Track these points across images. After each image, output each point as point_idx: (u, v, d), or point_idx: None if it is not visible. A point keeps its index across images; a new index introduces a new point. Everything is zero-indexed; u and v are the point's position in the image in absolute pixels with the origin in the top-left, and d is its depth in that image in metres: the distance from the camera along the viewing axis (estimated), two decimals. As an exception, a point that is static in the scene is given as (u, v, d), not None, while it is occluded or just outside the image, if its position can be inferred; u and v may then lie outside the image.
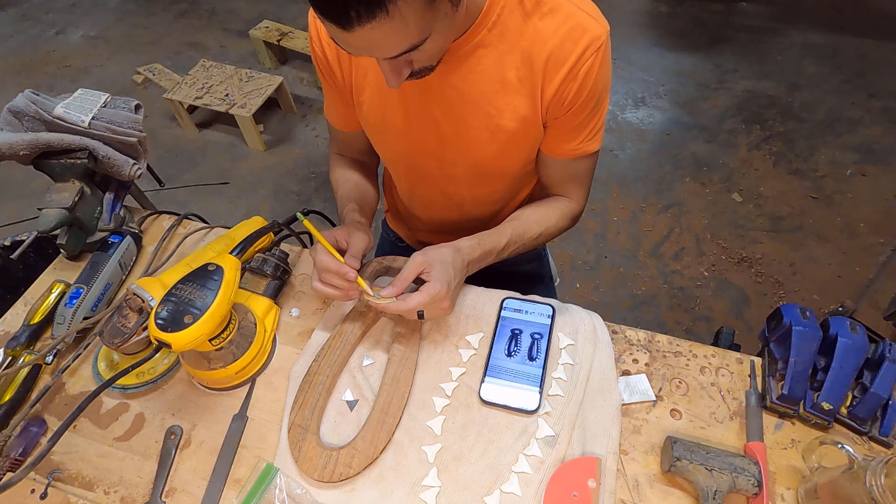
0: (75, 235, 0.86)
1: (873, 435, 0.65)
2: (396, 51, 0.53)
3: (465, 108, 0.70)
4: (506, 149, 0.74)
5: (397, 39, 0.51)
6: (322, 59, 0.74)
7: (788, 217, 2.05)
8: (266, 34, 2.65)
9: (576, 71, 0.65)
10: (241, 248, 0.72)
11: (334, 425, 0.68)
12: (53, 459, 0.67)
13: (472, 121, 0.71)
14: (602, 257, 1.96)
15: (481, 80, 0.67)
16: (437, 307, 0.69)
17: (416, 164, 0.81)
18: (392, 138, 0.79)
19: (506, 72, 0.67)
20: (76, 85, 1.09)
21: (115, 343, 0.67)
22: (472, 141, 0.73)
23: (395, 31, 0.50)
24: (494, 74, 0.67)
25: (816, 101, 2.48)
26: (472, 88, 0.68)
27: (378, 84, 0.72)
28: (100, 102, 0.86)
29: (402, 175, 0.89)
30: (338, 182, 0.88)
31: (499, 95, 0.68)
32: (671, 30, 2.91)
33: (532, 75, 0.66)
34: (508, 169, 0.79)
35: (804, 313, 0.68)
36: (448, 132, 0.73)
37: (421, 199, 0.92)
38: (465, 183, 0.82)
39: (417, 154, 0.79)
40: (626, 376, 0.72)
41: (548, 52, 0.64)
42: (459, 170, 0.79)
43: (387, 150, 0.83)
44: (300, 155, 2.40)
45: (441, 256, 0.69)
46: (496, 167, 0.78)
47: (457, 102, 0.70)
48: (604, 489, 0.61)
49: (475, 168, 0.78)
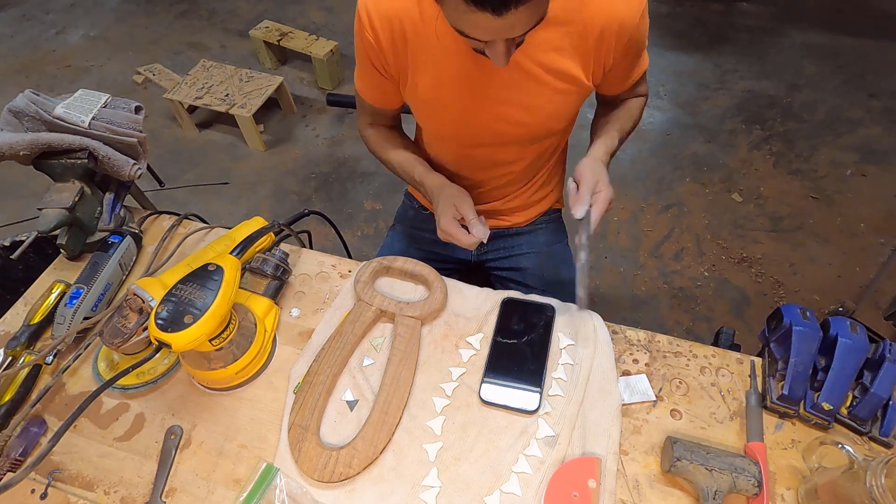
0: (75, 235, 0.86)
1: (873, 435, 0.65)
2: (526, 28, 0.58)
3: (524, 81, 0.75)
4: (558, 110, 0.79)
5: (533, 17, 0.57)
6: (374, 46, 0.76)
7: (788, 217, 2.05)
8: (266, 34, 2.64)
9: (626, 37, 0.71)
10: (241, 249, 0.72)
11: (334, 425, 0.68)
12: (53, 459, 0.67)
13: (530, 92, 0.76)
14: (602, 257, 1.96)
15: (538, 50, 0.72)
16: (608, 206, 0.75)
17: (469, 136, 0.85)
18: (448, 116, 0.82)
19: (561, 40, 0.71)
20: (76, 85, 1.09)
21: (115, 343, 0.67)
22: (528, 108, 0.78)
23: (535, 10, 0.55)
24: (550, 44, 0.71)
25: (816, 101, 2.48)
26: (530, 60, 0.72)
27: (440, 65, 0.76)
28: (100, 103, 0.86)
29: (448, 147, 0.91)
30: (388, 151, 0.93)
31: (556, 64, 0.73)
32: (671, 30, 2.91)
33: (586, 45, 0.72)
34: (556, 128, 0.84)
35: (804, 313, 0.68)
36: (507, 109, 0.78)
37: (464, 167, 0.94)
38: (514, 147, 0.87)
39: (472, 127, 0.82)
40: (626, 376, 0.72)
41: (601, 24, 0.69)
42: (510, 137, 0.83)
43: (439, 125, 0.86)
44: (300, 155, 2.40)
45: (592, 168, 0.74)
46: (547, 128, 0.83)
47: (517, 77, 0.74)
48: (604, 489, 0.61)
49: (528, 132, 0.82)
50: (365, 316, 0.76)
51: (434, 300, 0.77)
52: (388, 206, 2.16)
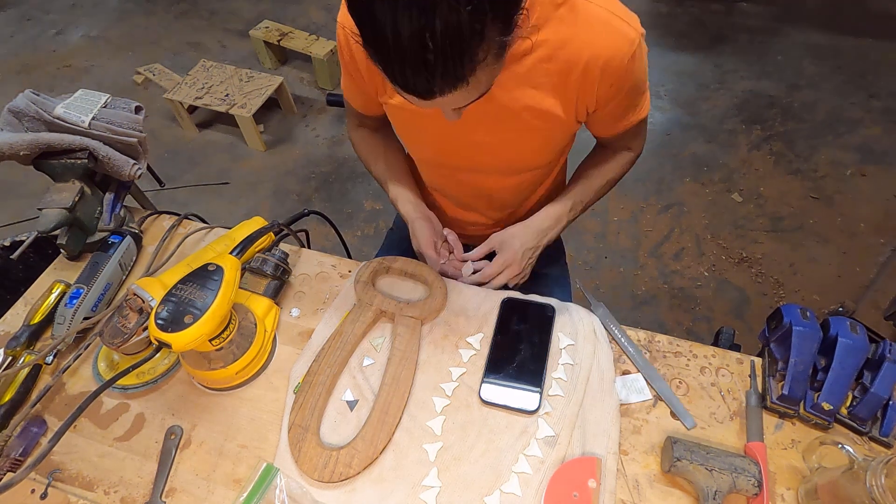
0: (75, 235, 0.86)
1: (873, 435, 0.65)
2: (465, 103, 0.57)
3: (500, 114, 0.72)
4: (536, 146, 0.78)
5: (470, 97, 0.56)
6: (350, 62, 0.76)
7: (788, 217, 2.05)
8: (266, 34, 2.65)
9: (613, 77, 0.67)
10: (241, 249, 0.72)
11: (334, 425, 0.68)
12: (53, 459, 0.67)
13: (506, 126, 0.74)
14: (602, 257, 1.96)
15: (515, 86, 0.69)
16: (510, 273, 0.80)
17: (445, 161, 0.84)
18: (421, 141, 0.83)
19: (540, 78, 0.68)
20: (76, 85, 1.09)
21: (115, 343, 0.67)
22: (503, 142, 0.76)
23: (470, 92, 0.54)
24: (528, 80, 0.69)
25: (816, 101, 2.48)
26: (506, 95, 0.70)
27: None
28: (100, 103, 0.86)
29: (428, 168, 0.92)
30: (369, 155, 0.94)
31: (532, 101, 0.70)
32: (671, 30, 2.91)
33: (567, 83, 0.68)
34: (539, 162, 0.83)
35: (804, 313, 0.68)
36: (482, 137, 0.76)
37: (446, 190, 0.95)
38: (494, 177, 0.85)
39: (447, 157, 0.82)
40: (623, 376, 0.72)
41: (585, 62, 0.66)
42: (488, 168, 0.82)
43: (415, 146, 0.87)
44: (300, 155, 2.40)
45: (510, 232, 0.82)
46: (527, 163, 0.82)
47: (492, 110, 0.71)
48: (604, 489, 0.61)
49: (506, 165, 0.82)
50: (365, 316, 0.76)
51: (434, 300, 0.77)
52: (388, 206, 2.16)
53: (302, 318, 0.80)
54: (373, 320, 0.77)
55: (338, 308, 0.79)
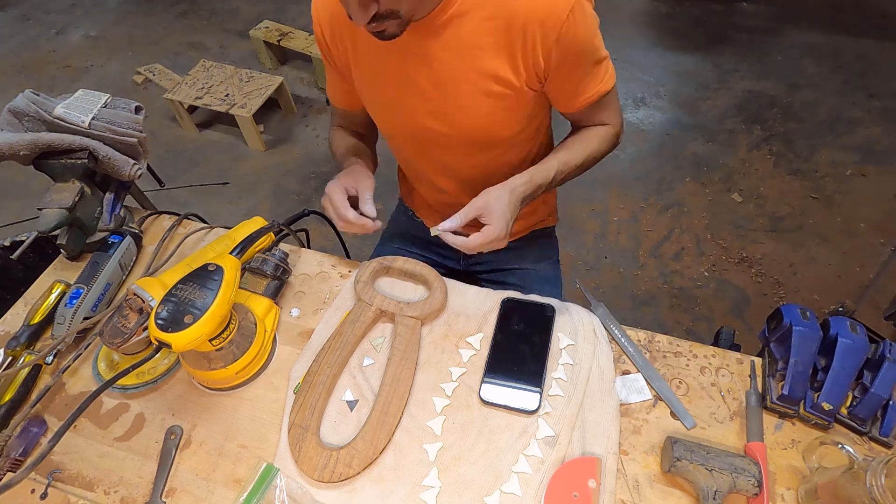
0: (75, 235, 0.86)
1: (873, 435, 0.65)
2: None
3: (448, 76, 0.73)
4: (494, 114, 0.76)
5: None
6: (322, 40, 0.80)
7: (788, 217, 2.05)
8: (266, 34, 2.64)
9: (553, 35, 0.67)
10: (241, 249, 0.72)
11: (334, 425, 0.68)
12: (54, 459, 0.67)
13: (457, 88, 0.74)
14: (602, 257, 1.96)
15: (461, 46, 0.70)
16: (494, 245, 0.74)
17: (412, 136, 0.85)
18: (387, 112, 0.83)
19: (484, 38, 0.69)
20: (76, 85, 1.09)
21: (115, 343, 0.67)
22: (459, 108, 0.76)
23: None
24: (473, 41, 0.69)
25: (816, 101, 2.48)
26: (452, 56, 0.71)
27: (372, 62, 0.76)
28: (100, 103, 0.86)
29: (401, 148, 0.92)
30: (337, 145, 0.94)
31: (479, 61, 0.71)
32: (671, 30, 2.91)
33: (511, 41, 0.69)
34: (501, 135, 0.81)
35: (804, 313, 0.68)
36: (436, 102, 0.76)
37: (422, 173, 0.95)
38: (461, 151, 0.84)
39: (411, 125, 0.82)
40: (623, 376, 0.72)
41: (523, 18, 0.66)
42: (453, 140, 0.81)
43: (384, 124, 0.88)
44: (300, 155, 2.40)
45: (499, 198, 0.73)
46: (488, 134, 0.80)
47: (441, 71, 0.73)
48: (604, 489, 0.61)
49: (468, 136, 0.80)
50: (365, 316, 0.76)
51: (434, 300, 0.77)
52: (387, 206, 2.14)
53: (302, 318, 0.80)
54: (373, 320, 0.77)
55: (338, 308, 0.79)
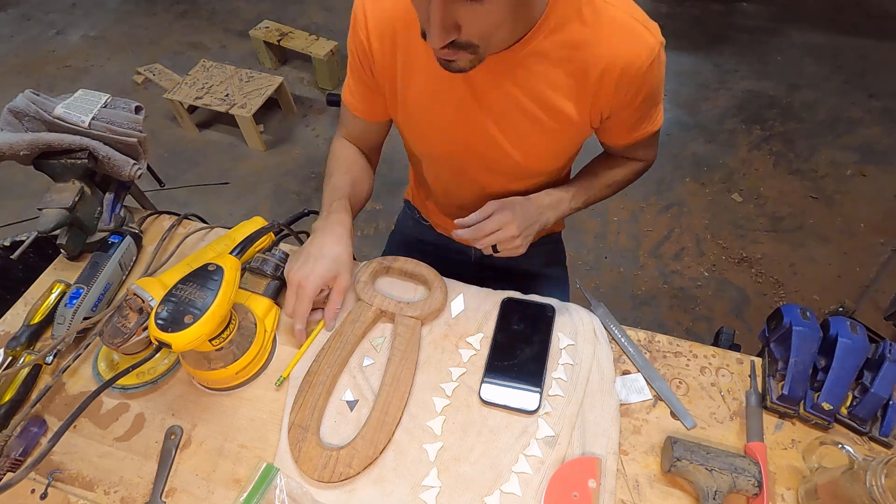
0: (75, 235, 0.86)
1: (873, 435, 0.65)
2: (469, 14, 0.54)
3: (514, 108, 0.71)
4: (550, 147, 0.77)
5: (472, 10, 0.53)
6: (364, 48, 0.74)
7: (788, 217, 2.05)
8: (266, 34, 2.65)
9: (629, 82, 0.67)
10: (241, 249, 0.72)
11: (334, 425, 0.68)
12: (53, 459, 0.67)
13: (521, 126, 0.73)
14: (602, 257, 1.96)
15: (534, 84, 0.69)
16: (510, 244, 0.75)
17: (459, 159, 0.82)
18: (435, 135, 0.80)
19: (559, 79, 0.68)
20: (76, 85, 1.09)
21: (115, 343, 0.67)
22: (519, 139, 0.75)
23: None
24: (547, 80, 0.68)
25: (816, 101, 2.48)
26: (522, 92, 0.69)
27: (430, 80, 0.72)
28: (100, 103, 0.86)
29: (438, 168, 0.89)
30: (338, 157, 0.88)
31: (550, 101, 0.70)
32: (671, 30, 2.90)
33: (585, 85, 0.68)
34: (548, 168, 0.82)
35: (804, 313, 0.68)
36: (496, 136, 0.75)
37: (451, 190, 0.93)
38: (507, 178, 0.84)
39: (463, 150, 0.79)
40: (623, 376, 0.72)
41: (604, 65, 0.65)
42: (503, 167, 0.80)
43: (428, 145, 0.83)
44: (300, 155, 2.40)
45: (512, 200, 0.77)
46: (538, 167, 0.80)
47: (508, 109, 0.71)
48: (604, 489, 0.61)
49: (520, 165, 0.79)
50: (365, 316, 0.76)
51: (434, 300, 0.77)
52: (388, 207, 2.16)
53: (302, 318, 0.80)
54: (373, 320, 0.77)
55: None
